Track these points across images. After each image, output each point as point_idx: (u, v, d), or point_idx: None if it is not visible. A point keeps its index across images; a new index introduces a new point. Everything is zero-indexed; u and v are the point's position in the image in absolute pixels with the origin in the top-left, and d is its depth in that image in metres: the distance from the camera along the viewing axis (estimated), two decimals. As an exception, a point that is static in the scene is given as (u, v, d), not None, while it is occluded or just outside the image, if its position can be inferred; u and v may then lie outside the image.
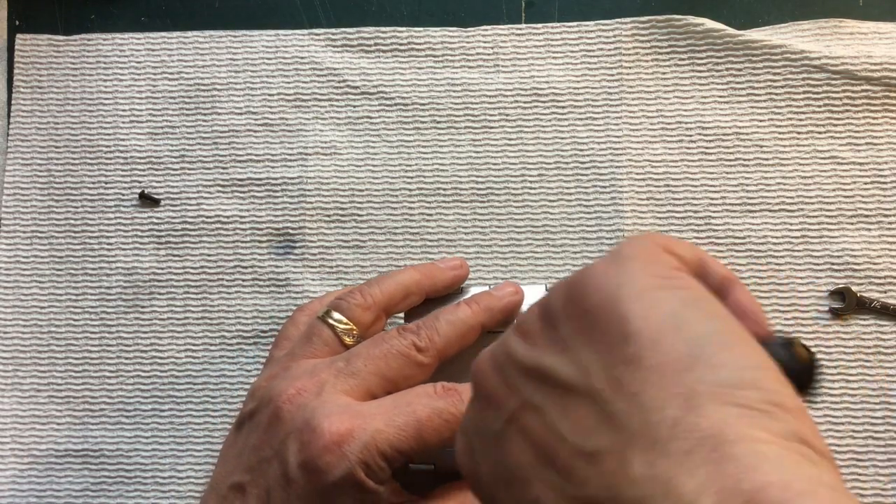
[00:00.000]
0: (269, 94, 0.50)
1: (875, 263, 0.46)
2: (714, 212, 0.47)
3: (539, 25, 0.50)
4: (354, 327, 0.38)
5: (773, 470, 0.18)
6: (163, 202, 0.49)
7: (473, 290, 0.44)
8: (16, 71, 0.51)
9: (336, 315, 0.38)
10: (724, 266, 0.28)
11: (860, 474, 0.44)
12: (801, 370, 0.25)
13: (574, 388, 0.21)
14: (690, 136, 0.48)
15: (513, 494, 0.22)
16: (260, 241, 0.48)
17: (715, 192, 0.48)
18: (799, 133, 0.48)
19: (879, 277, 0.46)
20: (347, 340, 0.37)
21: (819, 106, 0.48)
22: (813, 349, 0.46)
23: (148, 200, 0.49)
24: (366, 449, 0.32)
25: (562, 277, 0.24)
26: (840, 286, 0.46)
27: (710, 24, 0.49)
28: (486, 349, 0.26)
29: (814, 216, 0.47)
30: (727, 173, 0.48)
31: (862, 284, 0.46)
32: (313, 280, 0.48)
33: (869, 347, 0.45)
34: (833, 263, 0.47)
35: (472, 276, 0.47)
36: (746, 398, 0.19)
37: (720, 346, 0.21)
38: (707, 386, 0.20)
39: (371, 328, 0.39)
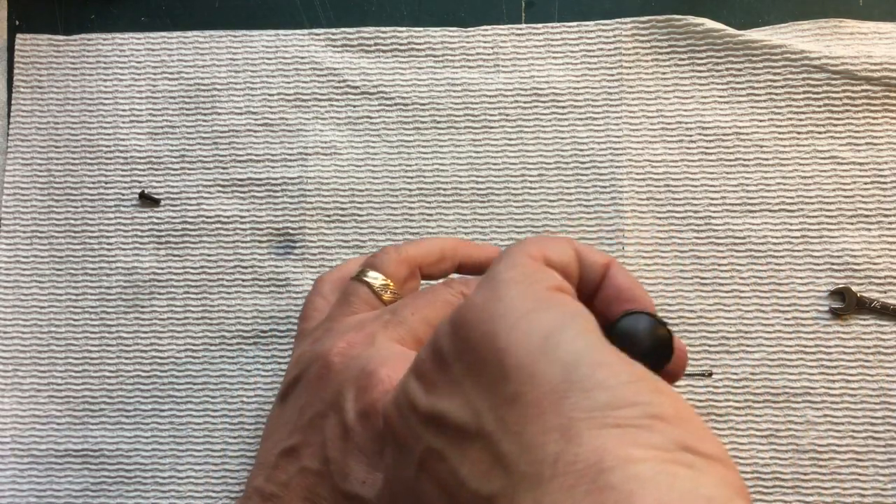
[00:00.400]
0: (269, 94, 0.50)
1: (875, 263, 0.46)
2: (714, 212, 0.47)
3: (539, 25, 0.50)
4: (391, 282, 0.37)
5: (649, 493, 0.18)
6: (163, 202, 0.49)
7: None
8: (16, 71, 0.51)
9: (371, 273, 0.37)
10: (600, 251, 0.28)
11: (860, 474, 0.44)
12: (660, 345, 0.25)
13: (468, 431, 0.21)
14: (690, 136, 0.48)
15: None
16: (260, 241, 0.48)
17: (715, 192, 0.48)
18: (799, 133, 0.48)
19: (879, 277, 0.46)
20: (386, 296, 0.36)
21: (819, 106, 0.48)
22: (813, 349, 0.46)
23: (148, 200, 0.49)
24: None
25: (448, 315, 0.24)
26: (840, 286, 0.46)
27: (710, 23, 0.49)
28: (391, 394, 0.25)
29: (814, 216, 0.47)
30: (727, 173, 0.48)
31: (862, 284, 0.46)
32: (313, 280, 0.48)
33: (869, 347, 0.45)
34: (833, 263, 0.47)
35: (472, 276, 0.47)
36: (624, 416, 0.19)
37: (593, 365, 0.21)
38: (583, 412, 0.20)
39: (406, 284, 0.38)
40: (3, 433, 0.47)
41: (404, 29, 0.50)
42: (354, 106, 0.50)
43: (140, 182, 0.49)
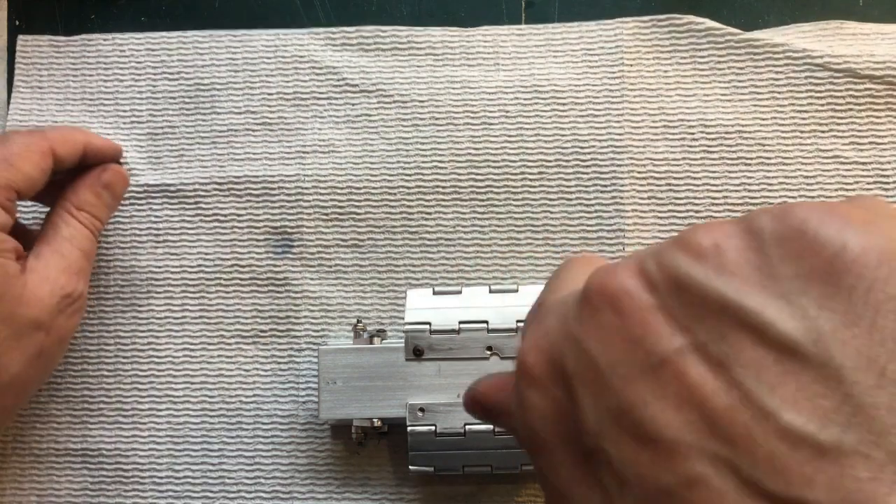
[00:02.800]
0: (269, 94, 0.50)
1: (879, 263, 0.46)
2: (716, 211, 0.47)
3: (540, 26, 0.50)
4: None
5: None
6: (160, 201, 0.49)
7: (473, 290, 0.44)
8: (16, 71, 0.51)
9: None
10: None
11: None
12: None
13: (799, 352, 0.16)
14: (693, 134, 0.48)
15: (647, 458, 0.17)
16: (258, 240, 0.48)
17: (717, 191, 0.47)
18: (802, 132, 0.48)
19: (883, 277, 0.46)
20: None
21: (822, 105, 0.48)
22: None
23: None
24: None
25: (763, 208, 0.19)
26: (843, 286, 0.46)
27: (711, 23, 0.49)
28: (624, 261, 0.20)
29: (817, 215, 0.47)
30: (729, 172, 0.48)
31: (866, 284, 0.46)
32: (312, 279, 0.48)
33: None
34: (836, 263, 0.46)
35: (471, 276, 0.47)
36: None
37: None
38: None
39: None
40: (5, 432, 0.47)
41: (404, 28, 0.50)
42: (353, 104, 0.49)
43: (140, 182, 0.49)
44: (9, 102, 0.51)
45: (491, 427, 0.41)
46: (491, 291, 0.43)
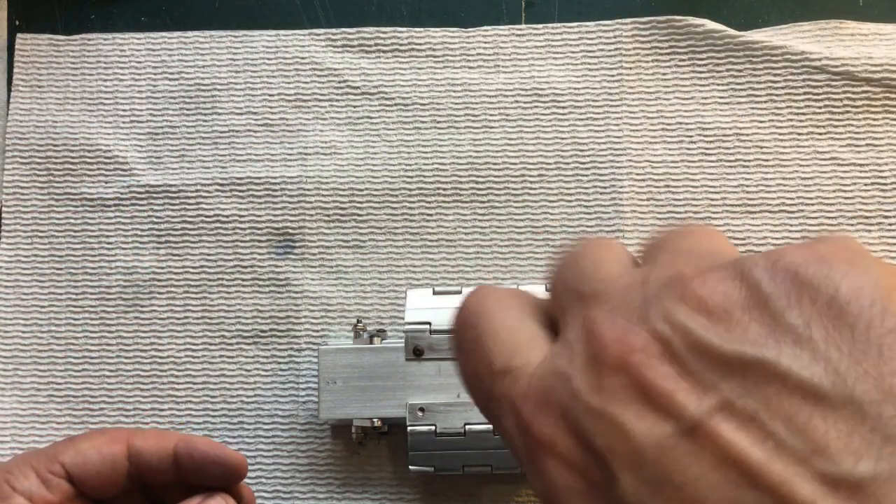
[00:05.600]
0: (270, 95, 0.50)
1: (875, 264, 0.46)
2: (714, 213, 0.47)
3: (539, 26, 0.50)
4: None
5: None
6: (162, 202, 0.49)
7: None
8: (15, 70, 0.51)
9: None
10: None
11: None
12: None
13: (820, 394, 0.16)
14: (691, 136, 0.48)
15: None
16: (259, 241, 0.48)
17: (715, 192, 0.48)
18: (799, 134, 0.48)
19: (879, 278, 0.46)
20: None
21: (820, 107, 0.48)
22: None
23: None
24: None
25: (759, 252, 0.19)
26: (840, 287, 0.46)
27: (710, 24, 0.49)
28: (624, 317, 0.20)
29: (814, 217, 0.47)
30: (727, 174, 0.48)
31: (862, 285, 0.46)
32: (313, 280, 0.48)
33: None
34: (833, 264, 0.46)
35: (471, 277, 0.47)
36: None
37: None
38: None
39: None
40: (3, 432, 0.47)
41: (404, 29, 0.50)
42: (354, 106, 0.50)
43: (140, 182, 0.49)
44: (9, 102, 0.51)
45: (491, 427, 0.41)
46: (491, 292, 0.43)
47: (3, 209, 0.50)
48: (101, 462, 0.33)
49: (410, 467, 0.42)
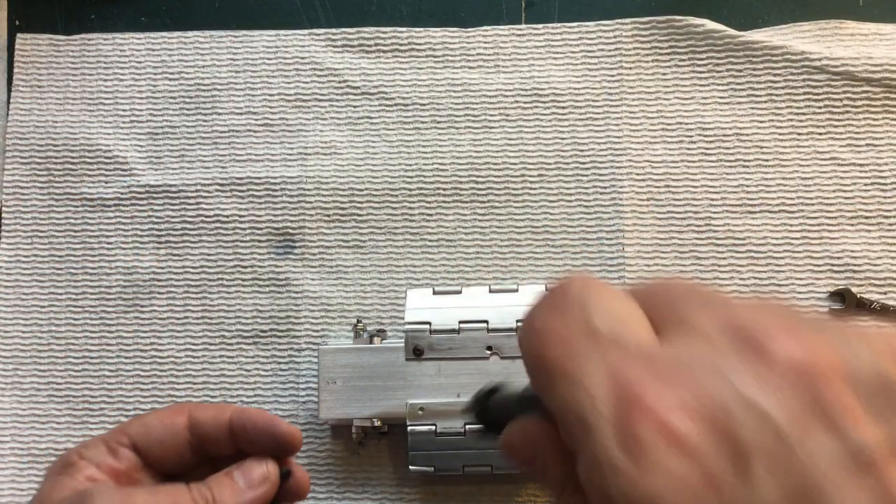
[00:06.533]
0: (270, 95, 0.50)
1: (875, 265, 0.46)
2: (714, 212, 0.47)
3: (539, 26, 0.50)
4: None
5: None
6: (162, 202, 0.49)
7: (473, 290, 0.44)
8: (15, 70, 0.51)
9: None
10: None
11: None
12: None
13: None
14: (691, 136, 0.48)
15: None
16: (259, 241, 0.48)
17: (715, 192, 0.48)
18: (799, 134, 0.48)
19: (879, 279, 0.46)
20: None
21: (819, 107, 0.48)
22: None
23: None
24: None
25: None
26: (840, 287, 0.46)
27: (710, 24, 0.49)
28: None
29: (814, 217, 0.47)
30: (727, 174, 0.48)
31: (862, 286, 0.46)
32: (313, 280, 0.48)
33: (869, 348, 0.45)
34: (833, 265, 0.46)
35: (471, 277, 0.47)
36: None
37: None
38: None
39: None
40: (3, 432, 0.47)
41: (404, 29, 0.50)
42: (355, 106, 0.50)
43: (140, 182, 0.49)
44: (9, 102, 0.51)
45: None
46: (491, 291, 0.44)
47: (3, 209, 0.50)
48: (164, 432, 0.34)
49: (410, 467, 0.42)
